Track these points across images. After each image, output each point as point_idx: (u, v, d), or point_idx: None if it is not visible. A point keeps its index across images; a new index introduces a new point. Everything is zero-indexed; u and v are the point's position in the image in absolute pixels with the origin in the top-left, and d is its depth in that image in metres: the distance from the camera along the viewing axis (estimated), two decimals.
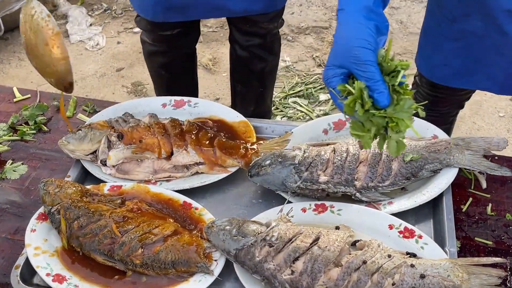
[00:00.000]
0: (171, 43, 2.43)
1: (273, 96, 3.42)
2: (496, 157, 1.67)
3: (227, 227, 1.41)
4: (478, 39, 1.73)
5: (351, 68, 1.20)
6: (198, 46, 3.82)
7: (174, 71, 2.57)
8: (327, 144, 1.64)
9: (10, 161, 1.77)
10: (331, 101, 3.36)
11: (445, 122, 2.20)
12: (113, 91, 3.58)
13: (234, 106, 2.79)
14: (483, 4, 1.62)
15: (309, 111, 3.29)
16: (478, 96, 3.35)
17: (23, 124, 1.91)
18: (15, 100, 2.00)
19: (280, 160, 1.56)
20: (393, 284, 1.29)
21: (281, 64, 3.69)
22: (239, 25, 2.43)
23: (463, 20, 1.72)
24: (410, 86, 1.63)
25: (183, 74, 2.63)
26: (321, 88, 3.46)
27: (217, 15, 2.30)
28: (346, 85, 1.22)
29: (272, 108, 3.33)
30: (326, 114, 3.26)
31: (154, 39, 2.43)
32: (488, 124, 3.21)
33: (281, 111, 3.31)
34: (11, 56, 3.87)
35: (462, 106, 2.23)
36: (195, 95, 2.77)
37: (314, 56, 3.74)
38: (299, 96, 3.42)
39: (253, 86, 2.65)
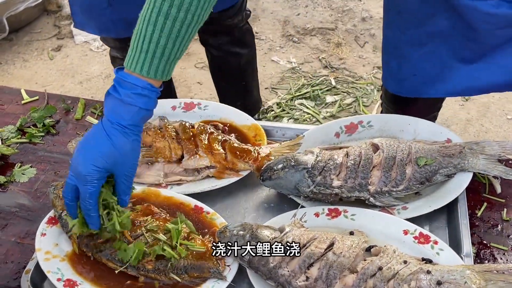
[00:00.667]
0: None
1: (280, 97, 3.41)
2: (511, 161, 1.65)
3: (240, 232, 1.39)
4: (445, 39, 1.66)
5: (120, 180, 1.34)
6: (199, 47, 3.81)
7: None
8: (340, 148, 1.63)
9: (18, 164, 1.76)
10: (338, 103, 3.34)
11: None
12: None
13: (222, 103, 2.82)
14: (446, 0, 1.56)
15: (315, 113, 3.27)
16: (486, 98, 3.33)
17: (31, 126, 1.89)
18: (23, 102, 1.99)
19: (293, 164, 1.54)
20: None
21: (287, 65, 3.67)
22: (205, 26, 2.43)
23: (429, 21, 1.64)
24: None
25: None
26: (327, 90, 3.44)
27: None
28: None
29: (279, 110, 3.32)
30: (332, 116, 3.25)
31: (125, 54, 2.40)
32: (496, 126, 3.20)
33: (288, 113, 3.29)
34: (16, 57, 3.85)
35: (435, 118, 2.15)
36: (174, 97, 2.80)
37: (320, 58, 3.72)
38: (305, 98, 3.40)
39: (234, 82, 2.70)
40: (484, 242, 1.49)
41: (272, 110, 3.30)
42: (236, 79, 2.70)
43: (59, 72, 3.73)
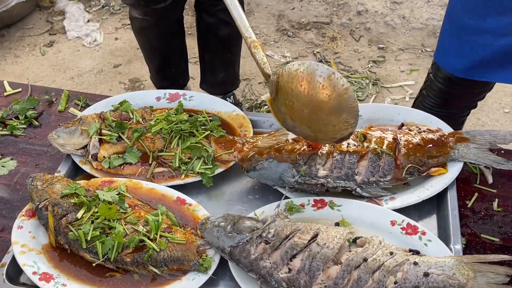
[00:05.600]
0: (162, 14, 2.47)
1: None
2: (503, 151, 1.61)
3: (222, 224, 1.35)
4: None
5: None
6: (192, 41, 3.78)
7: (167, 39, 2.64)
8: None
9: None
10: None
11: (456, 122, 2.06)
12: (110, 88, 3.52)
13: (203, 75, 2.89)
14: None
15: None
16: None
17: (13, 118, 1.85)
18: (5, 94, 1.94)
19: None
20: (395, 283, 1.23)
21: (281, 60, 3.62)
22: None
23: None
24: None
25: (176, 41, 2.72)
26: None
27: None
28: None
29: None
30: None
31: (145, 13, 2.45)
32: (493, 120, 3.15)
33: None
34: (7, 53, 3.81)
35: (475, 106, 2.08)
36: (187, 57, 2.89)
37: (315, 52, 3.67)
38: None
39: (220, 52, 2.75)
40: (475, 233, 1.45)
41: (266, 105, 3.25)
42: (222, 49, 2.73)
43: (51, 68, 3.69)
